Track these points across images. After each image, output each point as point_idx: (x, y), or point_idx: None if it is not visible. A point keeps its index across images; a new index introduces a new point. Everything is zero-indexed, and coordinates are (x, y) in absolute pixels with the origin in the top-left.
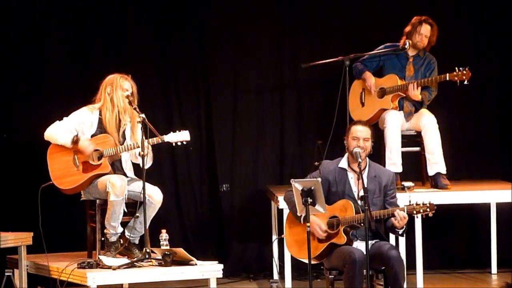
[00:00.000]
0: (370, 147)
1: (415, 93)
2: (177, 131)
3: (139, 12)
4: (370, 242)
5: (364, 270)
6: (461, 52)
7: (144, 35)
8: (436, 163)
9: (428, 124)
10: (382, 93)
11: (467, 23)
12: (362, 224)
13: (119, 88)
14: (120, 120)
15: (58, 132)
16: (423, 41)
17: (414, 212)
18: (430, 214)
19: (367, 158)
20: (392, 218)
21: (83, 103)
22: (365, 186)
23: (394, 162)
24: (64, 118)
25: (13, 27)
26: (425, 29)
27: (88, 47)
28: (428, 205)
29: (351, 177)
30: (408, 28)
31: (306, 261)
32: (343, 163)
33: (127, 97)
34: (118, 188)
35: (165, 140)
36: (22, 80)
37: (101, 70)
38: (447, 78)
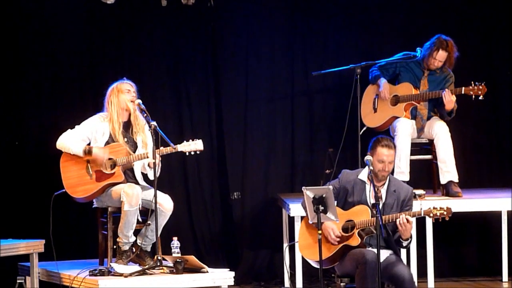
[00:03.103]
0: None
1: (452, 99)
2: (190, 140)
3: (151, 22)
4: (385, 250)
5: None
6: (475, 61)
7: (156, 44)
8: (448, 171)
9: (440, 132)
10: (396, 100)
11: (480, 33)
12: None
13: (120, 92)
14: (131, 127)
15: (70, 142)
16: (437, 65)
17: (431, 214)
18: (447, 218)
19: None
20: (397, 221)
21: (94, 111)
22: (382, 196)
23: (402, 170)
24: (76, 127)
25: (26, 36)
26: (440, 56)
27: (101, 56)
28: (445, 208)
29: (369, 189)
30: (428, 47)
31: (317, 264)
32: (363, 175)
33: (138, 105)
34: (132, 198)
35: (179, 150)
36: (34, 88)
37: (114, 79)
38: (462, 92)
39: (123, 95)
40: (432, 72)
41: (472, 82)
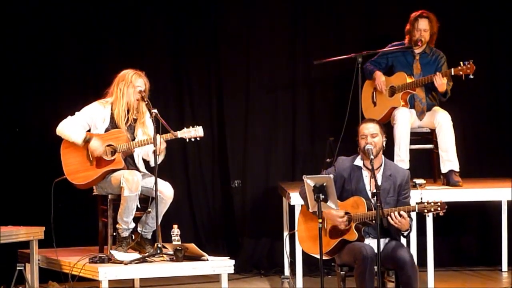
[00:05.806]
0: (382, 143)
1: (443, 81)
2: (191, 127)
3: (153, 9)
4: (382, 240)
5: (375, 267)
6: (474, 50)
7: (158, 31)
8: (449, 160)
9: (442, 121)
10: (392, 91)
11: (481, 20)
12: (373, 221)
13: (131, 85)
14: (132, 114)
15: (70, 129)
16: (424, 36)
17: (425, 210)
18: (441, 213)
19: (383, 156)
20: (388, 218)
21: (95, 98)
22: (378, 183)
23: (402, 158)
24: (76, 113)
25: (26, 23)
26: (423, 24)
27: (102, 42)
28: (439, 204)
29: (366, 175)
30: (407, 27)
31: (318, 256)
32: (358, 161)
33: (140, 92)
34: (132, 183)
35: (179, 136)
36: (35, 74)
37: (115, 66)
38: (452, 73)
39: (132, 89)
40: (422, 54)
41: (461, 62)
